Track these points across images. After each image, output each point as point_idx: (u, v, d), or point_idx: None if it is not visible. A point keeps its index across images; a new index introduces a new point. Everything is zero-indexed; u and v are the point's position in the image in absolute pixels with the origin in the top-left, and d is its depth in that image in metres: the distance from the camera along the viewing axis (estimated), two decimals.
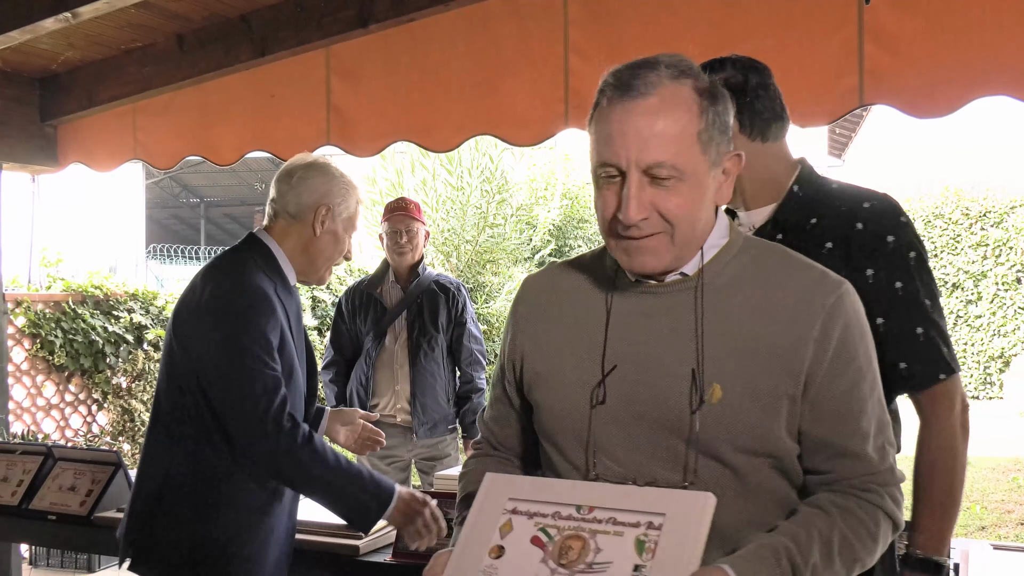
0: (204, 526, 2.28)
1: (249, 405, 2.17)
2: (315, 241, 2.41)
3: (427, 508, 2.39)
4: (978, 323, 12.63)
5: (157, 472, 2.33)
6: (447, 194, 10.69)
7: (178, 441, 2.29)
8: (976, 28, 2.90)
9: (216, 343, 2.22)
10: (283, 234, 2.42)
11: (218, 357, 2.21)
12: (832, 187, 1.95)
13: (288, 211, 2.41)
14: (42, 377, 6.19)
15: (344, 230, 2.45)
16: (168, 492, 2.31)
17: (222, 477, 2.28)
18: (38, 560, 5.50)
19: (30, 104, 4.86)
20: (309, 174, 2.42)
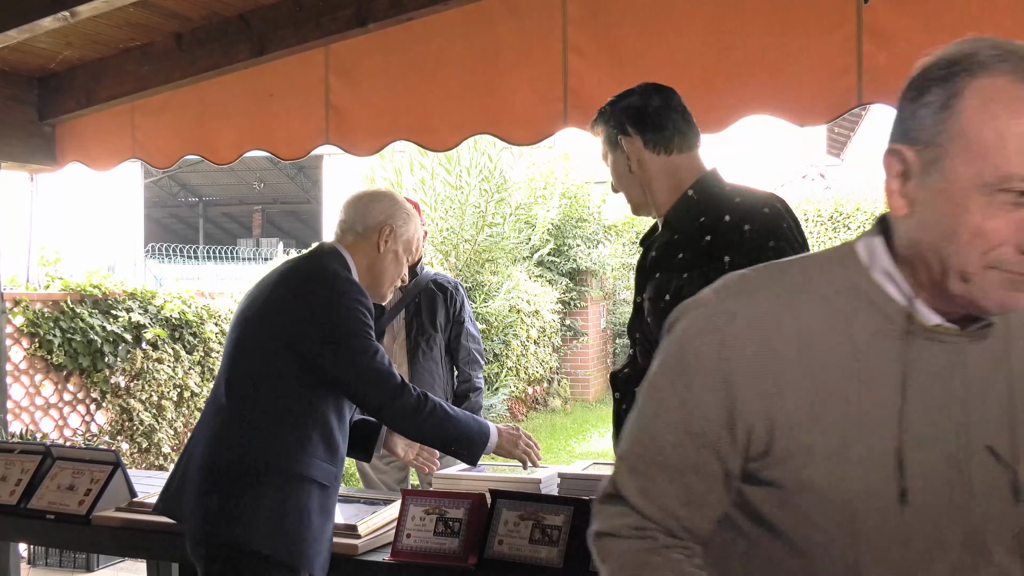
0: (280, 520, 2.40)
1: (377, 371, 2.45)
2: (379, 259, 2.62)
3: (522, 435, 2.84)
4: None
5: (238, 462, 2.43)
6: (446, 193, 10.68)
7: (266, 430, 2.44)
8: (974, 27, 2.88)
9: (331, 323, 2.44)
10: (354, 249, 2.61)
11: (338, 339, 2.43)
12: (725, 190, 2.15)
13: (356, 230, 2.63)
14: (40, 376, 6.18)
15: (404, 251, 2.66)
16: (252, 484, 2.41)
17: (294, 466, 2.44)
18: (37, 559, 5.50)
19: (28, 103, 4.86)
20: (377, 197, 2.71)
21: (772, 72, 3.22)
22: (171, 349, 6.91)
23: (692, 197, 2.14)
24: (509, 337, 10.85)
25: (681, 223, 2.13)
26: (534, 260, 12.44)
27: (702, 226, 2.08)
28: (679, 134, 2.21)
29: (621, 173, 2.23)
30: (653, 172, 2.19)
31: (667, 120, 2.21)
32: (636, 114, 2.20)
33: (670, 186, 2.18)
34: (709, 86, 3.31)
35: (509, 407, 11.08)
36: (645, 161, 2.19)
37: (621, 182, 2.25)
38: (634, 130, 2.19)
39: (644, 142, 2.18)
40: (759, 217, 2.05)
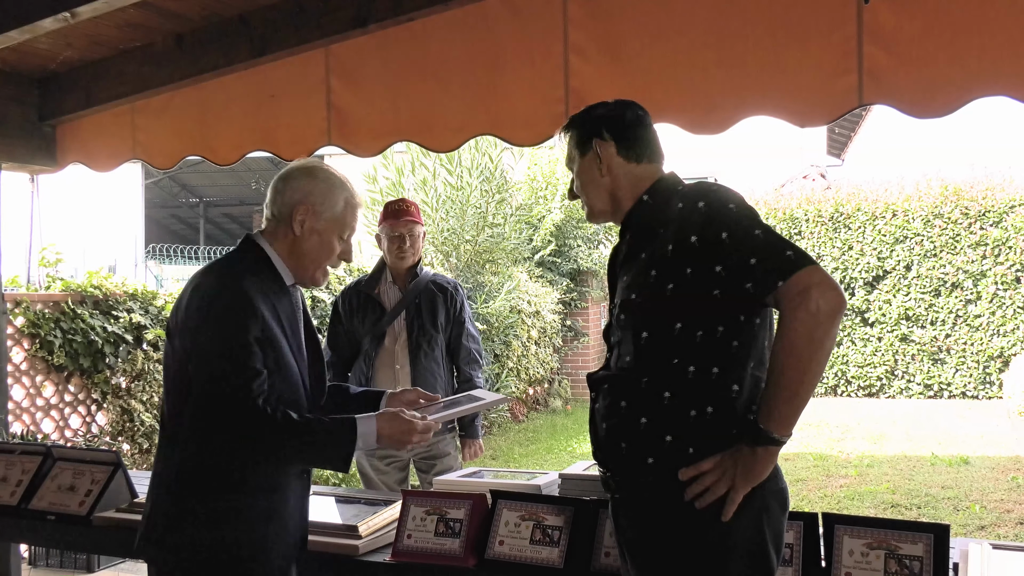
0: (213, 529, 2.31)
1: (233, 395, 2.24)
2: (299, 242, 2.44)
3: (415, 428, 2.43)
4: (977, 323, 12.62)
5: (168, 474, 2.37)
6: (447, 194, 10.68)
7: (183, 443, 2.33)
8: (975, 28, 2.90)
9: (200, 344, 2.29)
10: (273, 236, 2.47)
11: (202, 356, 2.28)
12: (676, 189, 2.20)
13: (274, 213, 2.47)
14: (41, 377, 6.18)
15: (330, 231, 2.45)
16: (179, 495, 2.35)
17: (225, 477, 2.32)
18: (37, 560, 5.50)
19: (29, 104, 4.86)
20: (292, 175, 2.48)
21: (772, 73, 3.22)
22: None
23: (647, 201, 2.22)
24: (510, 338, 10.84)
25: (637, 226, 2.22)
26: (535, 261, 12.43)
27: (656, 222, 2.15)
28: (650, 146, 2.28)
29: (589, 178, 2.28)
30: (621, 178, 2.25)
31: (640, 130, 2.28)
32: (612, 121, 2.27)
33: (634, 194, 2.24)
34: (708, 87, 3.31)
35: (510, 407, 11.07)
36: (615, 167, 2.25)
37: (587, 187, 2.29)
38: (609, 135, 2.25)
39: (617, 148, 2.24)
40: (710, 191, 2.10)
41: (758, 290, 1.97)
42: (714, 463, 2.03)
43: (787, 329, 1.93)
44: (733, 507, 2.02)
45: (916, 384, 12.93)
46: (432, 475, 4.20)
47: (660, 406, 2.07)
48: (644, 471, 2.09)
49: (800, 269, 1.93)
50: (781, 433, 1.98)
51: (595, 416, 2.22)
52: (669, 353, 2.06)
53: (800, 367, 1.94)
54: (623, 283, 2.18)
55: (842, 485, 7.81)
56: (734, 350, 2.06)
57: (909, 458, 8.85)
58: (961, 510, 6.93)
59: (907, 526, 2.40)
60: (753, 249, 1.98)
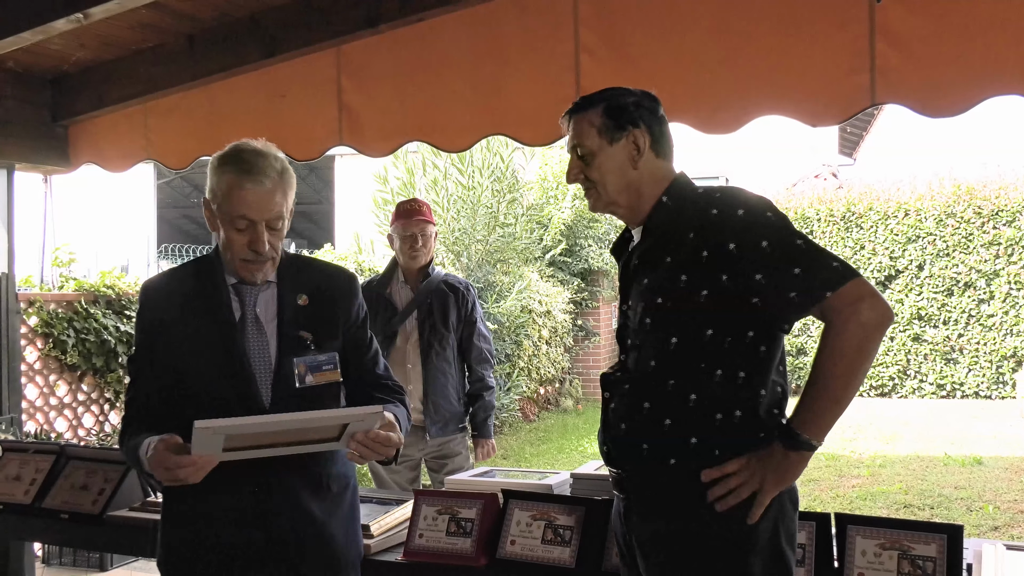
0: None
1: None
2: (221, 234, 2.30)
3: (171, 462, 2.09)
4: (990, 322, 12.56)
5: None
6: (458, 194, 10.68)
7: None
8: (987, 27, 2.89)
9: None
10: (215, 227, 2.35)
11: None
12: (698, 192, 2.17)
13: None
14: (55, 376, 6.21)
15: (231, 216, 2.23)
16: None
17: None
18: (51, 558, 5.52)
19: (42, 104, 4.88)
20: (210, 164, 2.34)
21: (784, 72, 3.21)
22: None
23: (667, 203, 2.16)
24: (521, 337, 10.84)
25: (660, 228, 2.15)
26: (546, 260, 12.42)
27: (681, 225, 2.10)
28: (671, 142, 2.24)
29: (616, 167, 2.17)
30: (647, 174, 2.18)
31: (667, 125, 2.23)
32: (650, 113, 2.19)
33: (654, 192, 2.18)
34: (720, 87, 3.30)
35: (521, 407, 11.07)
36: (646, 161, 2.18)
37: (610, 176, 2.17)
38: (645, 126, 2.17)
39: (651, 141, 2.17)
40: (747, 198, 2.08)
41: (804, 300, 1.97)
42: (739, 465, 2.02)
43: (837, 339, 1.95)
44: (760, 510, 2.02)
45: (929, 384, 12.87)
46: (443, 474, 4.20)
47: (685, 408, 2.06)
48: (666, 472, 2.08)
49: (849, 280, 1.95)
50: (819, 439, 2.00)
51: (610, 416, 2.21)
52: (698, 358, 2.06)
53: (847, 376, 1.97)
54: (643, 285, 2.14)
55: (854, 485, 7.78)
56: (762, 355, 2.07)
57: (922, 458, 8.81)
58: (974, 511, 6.90)
59: (920, 527, 2.39)
60: (796, 259, 1.98)
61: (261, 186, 2.22)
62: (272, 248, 2.28)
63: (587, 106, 2.21)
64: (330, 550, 2.36)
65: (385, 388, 2.43)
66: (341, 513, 2.40)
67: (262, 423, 2.11)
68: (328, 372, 2.33)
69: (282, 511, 2.29)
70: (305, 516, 2.31)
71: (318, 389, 2.31)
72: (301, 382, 2.29)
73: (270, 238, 2.26)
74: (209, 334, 2.29)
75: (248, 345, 2.30)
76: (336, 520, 2.38)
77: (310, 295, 2.36)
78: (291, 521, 2.29)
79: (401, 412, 2.37)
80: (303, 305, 2.34)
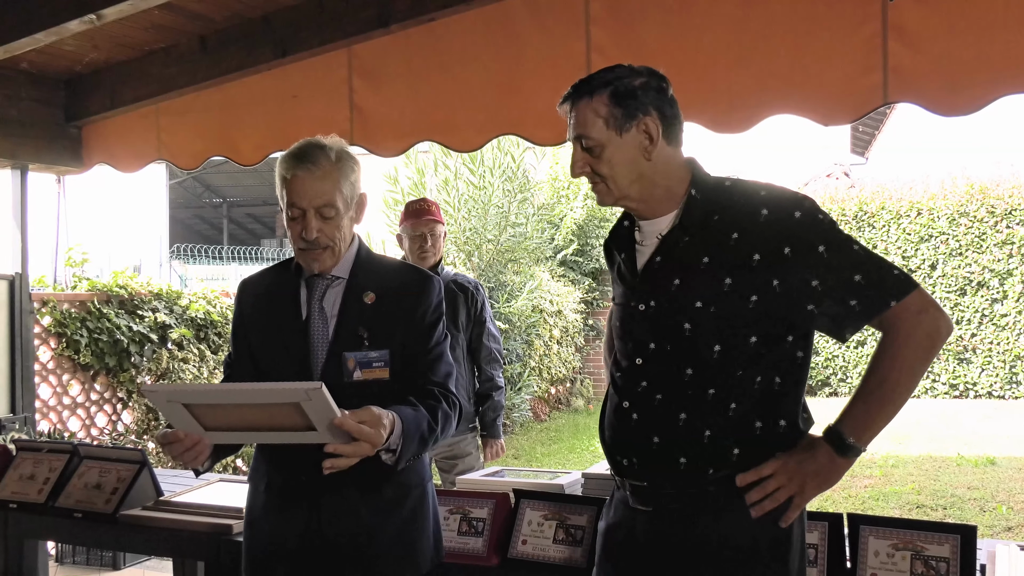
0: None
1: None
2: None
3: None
4: (1004, 322, 12.49)
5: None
6: (469, 193, 10.68)
7: None
8: (1000, 25, 2.88)
9: None
10: None
11: None
12: (725, 184, 2.03)
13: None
14: (68, 376, 6.24)
15: (284, 211, 2.34)
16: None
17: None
18: (64, 557, 5.54)
19: (55, 105, 4.91)
20: None
21: (796, 71, 3.20)
22: (196, 349, 6.95)
23: (696, 196, 2.00)
24: (532, 337, 10.84)
25: (695, 226, 1.98)
26: (557, 260, 12.42)
27: (724, 226, 1.95)
28: (681, 125, 2.05)
29: (627, 158, 1.98)
30: (660, 164, 2.00)
31: (677, 107, 2.03)
32: (660, 97, 2.00)
33: (672, 184, 2.02)
34: (733, 85, 3.30)
35: (532, 407, 11.07)
36: (658, 151, 1.99)
37: (620, 168, 1.99)
38: (656, 113, 1.98)
39: (663, 129, 1.98)
40: (800, 200, 1.96)
41: (867, 308, 1.91)
42: (775, 468, 1.93)
43: (902, 347, 1.91)
44: (796, 513, 1.95)
45: (941, 384, 12.81)
46: (454, 474, 4.21)
47: (725, 418, 1.94)
48: (703, 482, 1.96)
49: (913, 290, 1.90)
50: (867, 445, 1.96)
51: (633, 428, 2.04)
52: (737, 365, 1.94)
53: (907, 386, 1.94)
54: (674, 286, 1.97)
55: (867, 486, 7.75)
56: (799, 361, 1.99)
57: (934, 458, 8.77)
58: (987, 511, 6.86)
59: (933, 527, 2.38)
60: (855, 265, 1.90)
61: (309, 173, 2.26)
62: (326, 236, 2.30)
63: (590, 91, 2.01)
64: (377, 554, 2.34)
65: (427, 393, 2.35)
66: (398, 519, 2.36)
67: (208, 391, 2.26)
68: (377, 369, 2.32)
69: (335, 517, 2.31)
70: (356, 521, 2.32)
71: (367, 385, 2.30)
72: (349, 376, 2.30)
73: (322, 226, 2.28)
74: (277, 328, 2.38)
75: (312, 338, 2.34)
76: (391, 526, 2.35)
77: (379, 294, 2.37)
78: (342, 526, 2.31)
79: (414, 415, 2.26)
80: (369, 303, 2.35)
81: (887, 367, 1.93)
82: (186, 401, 2.10)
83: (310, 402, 2.00)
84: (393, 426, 2.15)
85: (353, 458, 2.08)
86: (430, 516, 2.46)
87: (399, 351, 2.35)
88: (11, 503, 3.36)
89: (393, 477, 2.33)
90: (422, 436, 2.25)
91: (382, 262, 2.52)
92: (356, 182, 2.36)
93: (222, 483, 3.45)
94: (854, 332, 1.97)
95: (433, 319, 2.43)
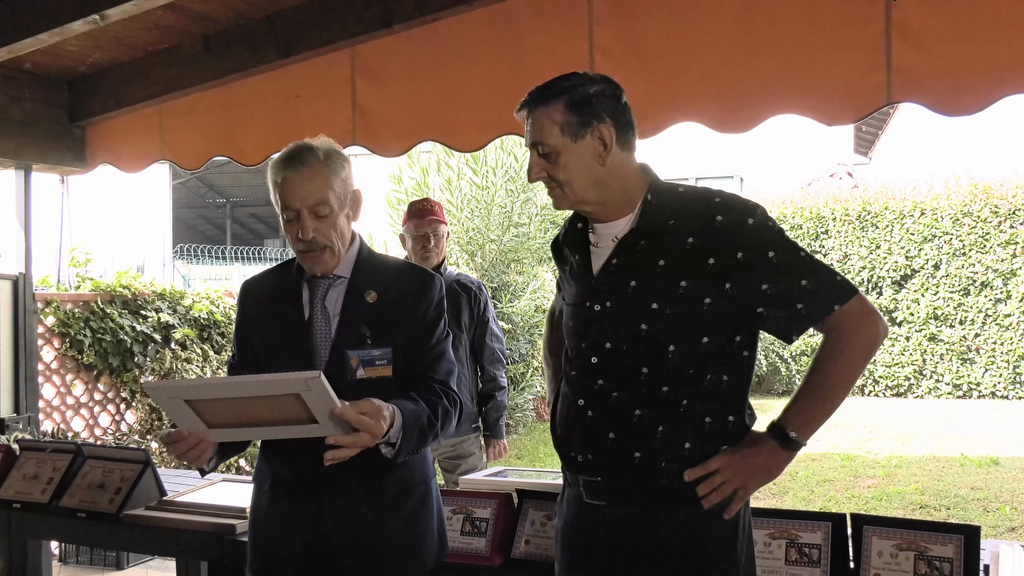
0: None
1: None
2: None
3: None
4: (1007, 322, 12.48)
5: None
6: (472, 193, 10.68)
7: None
8: (1005, 25, 2.87)
9: None
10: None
11: None
12: (679, 191, 2.10)
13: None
14: (71, 376, 6.24)
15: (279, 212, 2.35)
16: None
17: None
18: (68, 557, 5.55)
19: (59, 106, 4.92)
20: None
21: (799, 71, 3.20)
22: (199, 349, 6.96)
23: (653, 203, 2.07)
24: (535, 337, 10.83)
25: (650, 229, 2.05)
26: None
27: (680, 230, 2.02)
28: (634, 131, 2.11)
29: (582, 165, 2.04)
30: (615, 169, 2.06)
31: (630, 114, 2.10)
32: (612, 102, 2.06)
33: (624, 187, 2.08)
34: (736, 85, 3.29)
35: (535, 407, 11.07)
36: (612, 156, 2.05)
37: (577, 174, 2.05)
38: (610, 119, 2.04)
39: (616, 135, 2.04)
40: (752, 207, 2.04)
41: (812, 312, 1.99)
42: (721, 463, 2.02)
43: (844, 349, 2.00)
44: (740, 505, 2.05)
45: (945, 384, 12.80)
46: (457, 475, 4.21)
47: (677, 414, 2.03)
48: (656, 476, 2.05)
49: (856, 294, 2.00)
50: (807, 440, 2.05)
51: (588, 425, 2.10)
52: (689, 364, 2.03)
53: (848, 385, 2.03)
54: (630, 288, 2.04)
55: (870, 486, 7.75)
56: (746, 360, 2.09)
57: (938, 459, 8.76)
58: (991, 511, 6.86)
59: (937, 527, 2.38)
60: (803, 271, 1.99)
61: (299, 174, 2.28)
62: (322, 235, 2.31)
63: (546, 99, 2.09)
64: (380, 552, 2.34)
65: (428, 390, 2.36)
66: (401, 517, 2.37)
67: (208, 385, 2.25)
68: (380, 367, 2.33)
69: (339, 516, 2.32)
70: (360, 520, 2.32)
71: (370, 383, 2.31)
72: (352, 375, 2.31)
73: (317, 225, 2.29)
74: (280, 327, 2.40)
75: (314, 338, 2.35)
76: (395, 524, 2.35)
77: (380, 292, 2.38)
78: (347, 526, 2.32)
79: (414, 409, 2.26)
80: (371, 302, 2.36)
81: (829, 367, 2.03)
82: (187, 397, 2.11)
83: (310, 392, 2.01)
84: (393, 418, 2.15)
85: (354, 449, 2.08)
86: (434, 514, 2.47)
87: (401, 349, 2.36)
88: (15, 503, 3.37)
89: (396, 474, 2.34)
90: (421, 430, 2.26)
91: (384, 261, 2.53)
92: (347, 179, 2.37)
93: (225, 483, 3.45)
94: (800, 334, 2.05)
95: (434, 317, 2.44)
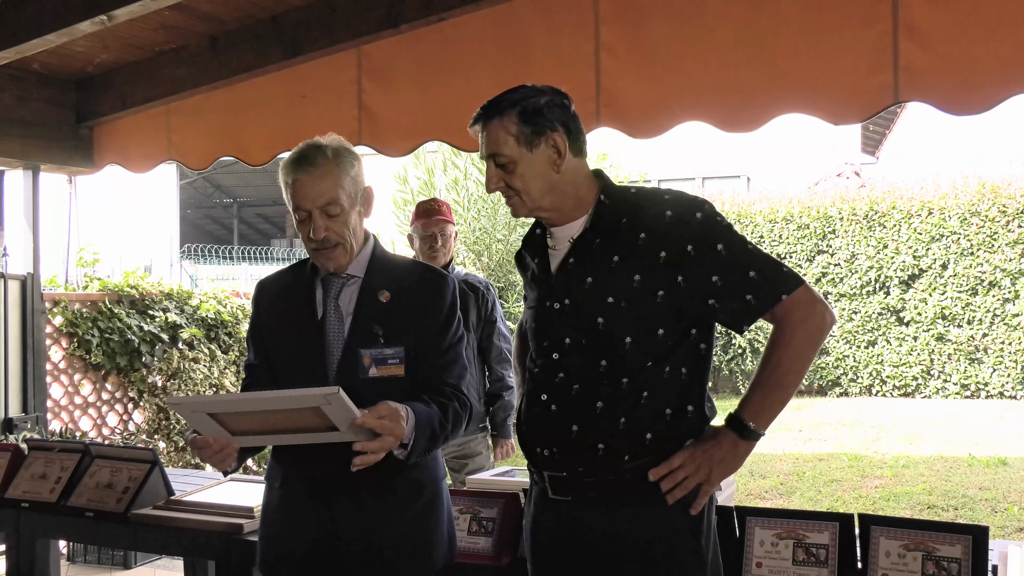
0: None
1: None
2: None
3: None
4: (1015, 321, 12.44)
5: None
6: (478, 193, 10.69)
7: None
8: (1012, 24, 2.87)
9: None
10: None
11: None
12: (631, 192, 2.19)
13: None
14: (79, 376, 6.26)
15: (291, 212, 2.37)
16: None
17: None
18: (75, 556, 5.57)
19: (67, 106, 4.93)
20: None
21: (806, 70, 3.19)
22: (207, 349, 6.97)
23: (607, 203, 2.15)
24: None
25: (604, 228, 2.12)
26: None
27: (632, 227, 2.09)
28: (585, 138, 2.21)
29: (539, 173, 2.12)
30: (570, 175, 2.14)
31: (579, 121, 2.19)
32: (563, 112, 2.14)
33: (579, 191, 2.16)
34: (742, 84, 3.29)
35: None
36: (566, 163, 2.13)
37: (533, 183, 2.13)
38: (562, 128, 2.12)
39: (569, 142, 2.13)
40: (701, 202, 2.11)
41: (760, 302, 2.05)
42: (683, 459, 2.06)
43: (794, 337, 2.05)
44: (705, 499, 2.08)
45: (952, 384, 12.76)
46: (464, 474, 4.21)
47: (639, 406, 2.07)
48: (620, 469, 2.08)
49: (801, 284, 2.05)
50: (766, 429, 2.09)
51: (551, 419, 2.15)
52: (647, 356, 2.08)
53: (799, 372, 2.08)
54: (587, 284, 2.11)
55: (877, 486, 7.73)
56: (702, 352, 2.13)
57: (945, 459, 8.74)
58: (999, 512, 6.84)
59: (945, 527, 2.38)
60: (750, 263, 2.05)
61: (308, 175, 2.29)
62: (335, 234, 2.32)
63: (499, 112, 2.16)
64: (390, 552, 2.34)
65: (439, 392, 2.37)
66: (410, 516, 2.37)
67: (229, 400, 2.29)
68: (392, 366, 2.34)
69: (348, 516, 2.33)
70: (370, 520, 2.33)
71: (382, 381, 2.32)
72: (364, 373, 2.32)
73: (329, 224, 2.31)
74: (293, 326, 2.40)
75: (327, 336, 2.36)
76: (404, 523, 2.36)
77: (394, 292, 2.38)
78: (356, 525, 2.33)
79: (427, 411, 2.27)
80: (384, 301, 2.37)
81: (780, 355, 2.06)
82: (209, 411, 2.14)
83: (329, 406, 2.03)
84: (407, 420, 2.17)
85: (381, 453, 2.12)
86: (444, 514, 2.47)
87: (413, 348, 2.36)
88: (23, 502, 3.38)
89: (407, 474, 2.35)
90: (433, 432, 2.28)
91: (397, 261, 2.53)
92: (358, 176, 2.37)
93: (233, 482, 3.45)
94: (750, 324, 2.09)
95: (447, 318, 2.44)
